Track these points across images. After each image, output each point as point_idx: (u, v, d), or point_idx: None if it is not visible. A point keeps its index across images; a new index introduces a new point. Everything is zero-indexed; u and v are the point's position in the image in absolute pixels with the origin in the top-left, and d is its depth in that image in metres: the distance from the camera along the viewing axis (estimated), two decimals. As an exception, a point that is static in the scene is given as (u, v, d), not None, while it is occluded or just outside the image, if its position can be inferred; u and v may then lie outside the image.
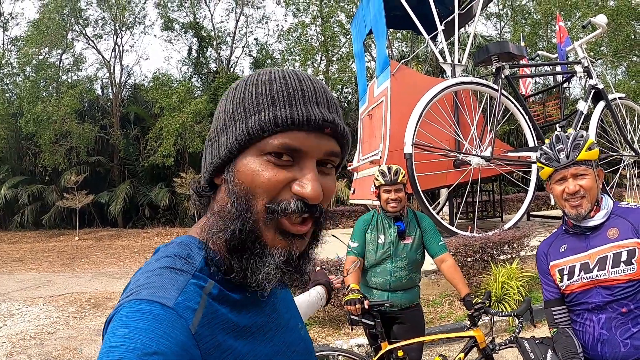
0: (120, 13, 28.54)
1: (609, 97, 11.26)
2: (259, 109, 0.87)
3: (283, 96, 0.87)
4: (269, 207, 0.86)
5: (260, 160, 0.87)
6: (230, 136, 0.89)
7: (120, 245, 19.98)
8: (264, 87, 0.89)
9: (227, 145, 0.89)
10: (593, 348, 2.26)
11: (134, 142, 28.47)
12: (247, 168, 0.87)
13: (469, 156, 9.98)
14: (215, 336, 0.80)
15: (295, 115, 0.86)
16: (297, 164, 0.88)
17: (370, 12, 12.07)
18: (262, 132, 0.86)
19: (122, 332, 0.72)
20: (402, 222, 3.78)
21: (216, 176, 0.94)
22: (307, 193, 0.85)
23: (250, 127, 0.86)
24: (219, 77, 28.76)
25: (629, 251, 2.16)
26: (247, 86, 0.91)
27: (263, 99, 0.88)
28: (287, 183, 0.87)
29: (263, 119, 0.86)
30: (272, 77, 0.90)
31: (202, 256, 0.90)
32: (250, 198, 0.86)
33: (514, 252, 7.92)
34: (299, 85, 0.89)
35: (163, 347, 0.71)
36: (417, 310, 3.88)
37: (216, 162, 0.92)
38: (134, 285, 0.83)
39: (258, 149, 0.87)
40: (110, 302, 9.53)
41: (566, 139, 2.29)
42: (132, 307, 0.76)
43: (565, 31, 15.02)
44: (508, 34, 33.83)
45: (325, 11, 27.62)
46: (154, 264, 0.87)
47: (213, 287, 0.86)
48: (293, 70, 0.93)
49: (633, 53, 31.79)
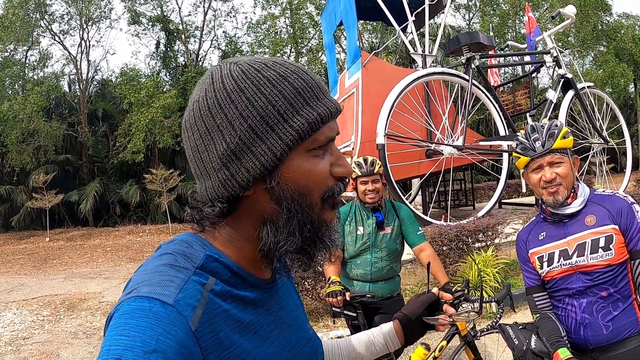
0: (86, 7, 28.15)
1: (577, 86, 11.42)
2: (294, 109, 0.87)
3: (308, 92, 0.89)
4: (325, 195, 0.92)
5: (309, 158, 0.89)
6: (273, 143, 0.85)
7: (92, 245, 19.75)
8: (282, 84, 0.87)
9: (274, 152, 0.86)
10: (576, 332, 2.31)
11: (103, 139, 28.19)
12: (300, 169, 0.88)
13: (441, 146, 10.04)
14: (217, 333, 0.80)
15: (330, 107, 0.90)
16: (326, 149, 0.93)
17: (341, 3, 12.04)
18: (310, 131, 0.87)
19: (121, 330, 0.72)
20: (381, 213, 3.79)
21: (248, 189, 0.89)
22: (348, 171, 0.94)
23: (298, 128, 0.86)
24: (187, 71, 28.60)
25: (607, 237, 2.23)
26: (261, 86, 0.86)
27: (292, 97, 0.87)
28: (330, 169, 0.92)
29: (309, 117, 0.87)
30: (279, 72, 0.88)
31: (205, 254, 0.88)
32: (307, 195, 0.89)
33: (489, 240, 8.00)
34: (309, 77, 0.91)
35: (163, 344, 0.71)
36: (398, 300, 3.91)
37: (257, 173, 0.86)
38: (135, 283, 0.82)
39: (304, 147, 0.89)
40: (85, 303, 9.41)
41: (541, 128, 2.34)
42: (131, 304, 0.76)
43: (534, 21, 15.18)
44: (477, 24, 34.24)
45: (295, 3, 27.57)
46: (155, 261, 0.86)
47: (215, 284, 0.85)
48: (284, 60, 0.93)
49: (600, 43, 32.47)
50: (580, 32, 30.64)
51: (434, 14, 13.44)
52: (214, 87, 0.87)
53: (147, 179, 21.88)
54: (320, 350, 1.11)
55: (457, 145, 9.92)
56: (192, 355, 0.74)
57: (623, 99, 35.49)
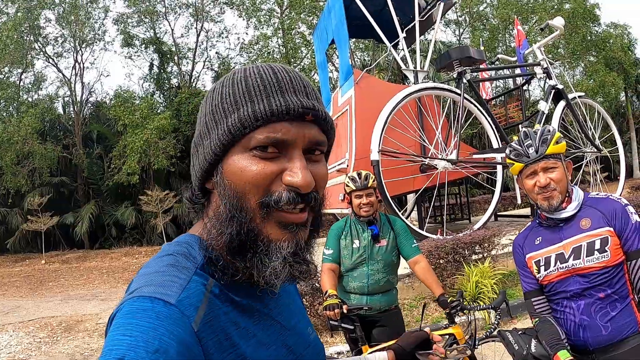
0: (79, 29, 28.18)
1: (569, 97, 11.51)
2: (237, 106, 0.87)
3: (259, 89, 0.87)
4: (263, 201, 0.85)
5: (247, 157, 0.86)
6: (213, 138, 0.89)
7: (88, 267, 19.63)
8: (240, 84, 0.89)
9: (212, 147, 0.88)
10: (575, 334, 2.33)
11: (98, 161, 28.09)
12: (234, 167, 0.86)
13: (435, 160, 10.09)
14: (217, 334, 0.80)
15: (274, 106, 0.85)
16: (284, 155, 0.87)
17: (332, 22, 12.12)
18: (243, 129, 0.86)
19: (124, 330, 0.72)
20: (376, 226, 3.81)
21: (207, 181, 0.93)
22: (298, 181, 0.85)
23: (231, 125, 0.86)
24: (181, 92, 28.61)
25: (602, 239, 2.24)
26: (224, 86, 0.90)
27: (240, 96, 0.87)
28: (277, 175, 0.86)
29: (242, 114, 0.86)
30: (247, 73, 0.90)
31: (203, 254, 0.90)
32: (242, 196, 0.86)
33: (485, 252, 8.01)
34: (273, 77, 0.88)
35: (165, 344, 0.71)
36: (396, 313, 3.91)
37: (204, 166, 0.91)
38: (137, 284, 0.83)
39: (242, 146, 0.87)
40: (82, 324, 9.34)
41: (534, 134, 2.36)
42: (134, 304, 0.76)
43: (523, 34, 15.34)
44: (467, 39, 34.40)
45: (287, 23, 27.70)
46: (157, 262, 0.88)
47: (214, 286, 0.86)
48: (267, 64, 0.92)
49: (589, 53, 32.70)
50: (570, 43, 30.90)
51: (424, 30, 13.54)
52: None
53: (142, 200, 21.83)
54: (322, 355, 1.10)
55: (451, 159, 9.97)
56: (194, 355, 0.74)
57: (614, 107, 35.72)
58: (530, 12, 31.34)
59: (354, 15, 12.20)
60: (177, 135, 26.36)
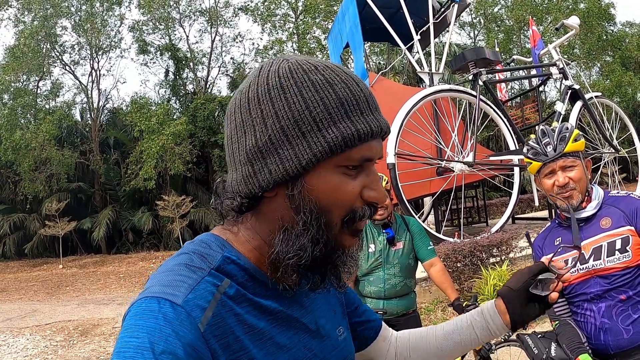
0: (96, 37, 28.47)
1: (585, 97, 11.39)
2: (332, 119, 0.82)
3: (352, 103, 0.83)
4: (348, 217, 0.86)
5: (338, 174, 0.84)
6: (301, 150, 0.82)
7: (105, 272, 19.77)
8: (327, 91, 0.83)
9: (300, 160, 0.82)
10: (596, 337, 2.25)
11: (115, 167, 28.33)
12: (325, 184, 0.83)
13: (452, 163, 10.02)
14: (226, 336, 0.80)
15: (373, 126, 0.85)
16: (362, 169, 0.87)
17: (346, 25, 12.12)
18: (344, 147, 0.82)
19: (131, 332, 0.73)
20: (391, 229, 3.77)
21: (270, 190, 0.86)
22: (380, 197, 0.88)
23: (331, 141, 0.81)
24: (197, 98, 28.81)
25: (623, 239, 2.17)
26: (303, 89, 0.83)
27: (333, 107, 0.82)
28: (360, 191, 0.87)
29: (345, 132, 0.82)
30: (327, 77, 0.84)
31: (222, 255, 0.87)
32: (327, 213, 0.84)
33: (503, 255, 7.95)
34: (359, 89, 0.86)
35: (172, 345, 0.71)
36: (414, 317, 3.85)
37: (278, 177, 0.83)
38: (150, 282, 0.83)
39: (335, 162, 0.83)
40: (99, 328, 9.41)
41: (552, 132, 2.30)
42: (142, 305, 0.77)
43: (538, 35, 15.23)
44: (482, 41, 34.32)
45: (302, 28, 27.76)
46: (172, 261, 0.87)
47: (229, 287, 0.84)
48: (337, 66, 0.88)
49: (605, 53, 32.48)
50: (585, 43, 30.73)
51: (438, 32, 13.48)
52: (258, 81, 0.86)
53: (159, 205, 21.97)
54: (351, 357, 1.07)
55: (467, 161, 9.89)
56: (200, 356, 0.74)
57: (632, 107, 35.36)
58: (545, 12, 31.25)
59: (368, 19, 12.20)
60: (193, 140, 26.51)
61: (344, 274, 0.91)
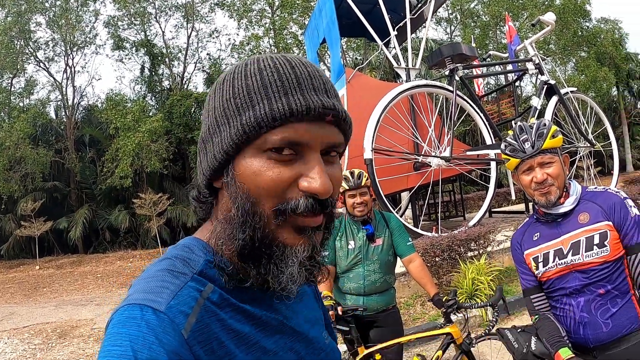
0: (70, 33, 28.11)
1: (561, 92, 11.52)
2: (252, 102, 0.80)
3: (277, 85, 0.80)
4: (278, 208, 0.81)
5: (261, 159, 0.81)
6: (225, 136, 0.82)
7: (82, 272, 19.57)
8: (254, 77, 0.82)
9: (223, 145, 0.82)
10: (576, 331, 2.28)
11: (90, 165, 28.06)
12: (247, 169, 0.81)
13: (429, 158, 10.07)
14: (210, 342, 0.77)
15: (293, 106, 0.79)
16: (300, 157, 0.82)
17: (323, 21, 12.10)
18: (259, 128, 0.79)
19: (114, 340, 0.71)
20: (371, 225, 3.76)
21: (215, 179, 0.88)
22: (317, 188, 0.80)
23: (245, 124, 0.80)
24: (173, 95, 28.65)
25: (601, 234, 2.19)
26: (236, 79, 0.83)
27: (255, 91, 0.81)
28: (294, 180, 0.81)
29: (258, 113, 0.79)
30: (262, 65, 0.83)
31: (205, 259, 0.85)
32: (255, 201, 0.81)
33: (481, 248, 8.01)
34: (292, 72, 0.82)
35: (155, 353, 0.69)
36: (393, 313, 3.85)
37: (213, 165, 0.85)
38: (132, 289, 0.81)
39: (257, 146, 0.81)
40: (77, 330, 9.31)
41: (529, 128, 2.30)
42: (124, 313, 0.74)
43: (514, 30, 15.36)
44: (458, 37, 34.57)
45: (278, 23, 27.67)
46: (155, 267, 0.85)
47: (212, 292, 0.82)
48: (283, 55, 0.86)
49: (581, 48, 32.98)
50: (561, 39, 31.17)
51: (415, 28, 13.54)
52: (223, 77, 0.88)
53: (136, 203, 21.76)
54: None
55: (444, 156, 9.95)
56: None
57: (607, 102, 35.98)
58: (521, 8, 31.60)
59: (345, 14, 12.22)
60: (169, 137, 26.34)
61: (281, 277, 0.82)
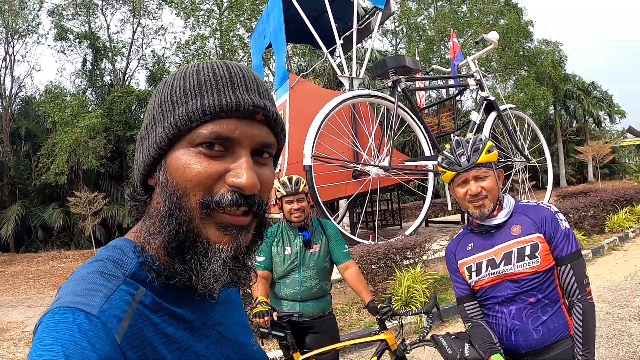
0: (12, 20, 27.10)
1: (500, 108, 11.87)
2: (186, 99, 0.83)
3: (210, 84, 0.83)
4: (204, 201, 0.81)
5: (191, 153, 0.82)
6: (159, 131, 0.85)
7: (13, 272, 18.83)
8: (192, 77, 0.85)
9: (157, 140, 0.84)
10: (507, 338, 2.37)
11: (25, 160, 27.04)
12: (177, 162, 0.83)
13: (368, 166, 10.19)
14: (144, 347, 0.77)
15: (224, 102, 0.82)
16: (230, 154, 0.84)
17: (270, 25, 12.10)
18: (190, 123, 0.82)
19: (45, 345, 0.69)
20: (308, 232, 3.76)
21: (150, 177, 0.89)
22: (242, 182, 0.81)
23: (177, 118, 0.82)
24: (114, 91, 27.97)
25: (532, 245, 2.29)
26: (175, 79, 0.86)
27: (190, 89, 0.84)
28: (221, 175, 0.83)
29: (190, 108, 0.82)
30: (200, 67, 0.86)
31: (137, 261, 0.85)
32: (182, 194, 0.82)
33: (417, 257, 8.14)
34: (226, 72, 0.85)
35: (88, 358, 0.68)
36: (329, 319, 3.86)
37: (147, 160, 0.87)
38: (62, 291, 0.79)
39: (188, 141, 0.83)
40: (7, 333, 8.97)
41: (466, 143, 2.38)
42: (54, 316, 0.72)
43: (458, 47, 15.78)
44: (403, 49, 35.09)
45: (225, 24, 27.45)
46: (85, 269, 0.83)
47: (144, 295, 0.82)
48: (223, 60, 0.89)
49: (521, 67, 34.11)
50: (503, 57, 32.13)
51: (361, 38, 13.73)
52: None
53: (70, 202, 21.09)
54: None
55: (383, 165, 10.09)
56: None
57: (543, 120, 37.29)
58: (467, 25, 32.41)
59: (293, 20, 12.24)
60: (108, 134, 25.72)
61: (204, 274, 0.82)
